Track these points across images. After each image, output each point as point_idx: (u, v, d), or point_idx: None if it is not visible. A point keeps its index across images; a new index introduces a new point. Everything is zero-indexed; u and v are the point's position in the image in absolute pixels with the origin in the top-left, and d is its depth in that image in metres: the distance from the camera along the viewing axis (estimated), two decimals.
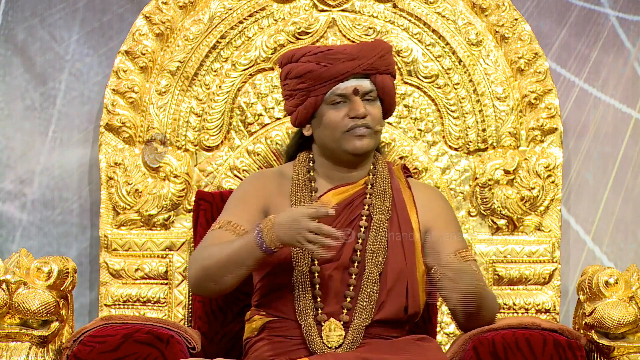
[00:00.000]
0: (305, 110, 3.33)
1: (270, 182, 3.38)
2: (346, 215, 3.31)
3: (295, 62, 3.33)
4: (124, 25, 4.04)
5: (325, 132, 3.32)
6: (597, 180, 4.13)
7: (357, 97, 3.29)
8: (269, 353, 3.24)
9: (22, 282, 3.22)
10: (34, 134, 4.09)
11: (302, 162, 3.40)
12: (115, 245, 3.84)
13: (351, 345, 3.19)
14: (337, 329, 3.21)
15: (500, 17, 3.87)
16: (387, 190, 3.35)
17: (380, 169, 3.39)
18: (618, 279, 3.29)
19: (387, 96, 3.35)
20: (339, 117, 3.29)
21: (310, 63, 3.30)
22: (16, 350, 3.22)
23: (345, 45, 3.72)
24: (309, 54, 3.32)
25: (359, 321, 3.21)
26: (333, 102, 3.30)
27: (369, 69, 3.30)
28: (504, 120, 3.85)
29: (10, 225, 4.09)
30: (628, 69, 4.13)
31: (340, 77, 3.28)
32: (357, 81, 3.30)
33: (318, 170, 3.38)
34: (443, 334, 3.85)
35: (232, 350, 3.56)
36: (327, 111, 3.31)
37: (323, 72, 3.29)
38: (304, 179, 3.36)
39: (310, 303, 3.22)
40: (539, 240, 3.86)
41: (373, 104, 3.32)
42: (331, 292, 3.24)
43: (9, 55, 4.08)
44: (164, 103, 3.86)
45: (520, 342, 3.21)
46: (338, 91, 3.29)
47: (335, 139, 3.30)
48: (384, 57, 3.33)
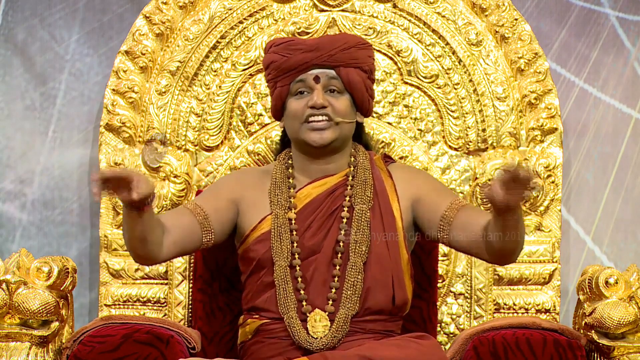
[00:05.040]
0: (274, 102, 3.36)
1: (251, 178, 3.40)
2: (327, 206, 3.31)
3: (266, 54, 3.37)
4: (124, 25, 4.04)
5: (288, 123, 3.34)
6: (597, 180, 4.13)
7: (318, 86, 3.28)
8: (264, 355, 3.24)
9: (22, 282, 3.22)
10: (34, 134, 4.09)
11: (282, 159, 3.41)
12: (115, 245, 3.84)
13: (336, 334, 3.19)
14: (322, 319, 3.21)
15: (500, 17, 3.86)
16: (368, 181, 3.34)
17: (361, 160, 3.38)
18: (618, 279, 3.29)
19: (355, 90, 3.32)
20: (299, 107, 3.29)
21: (274, 54, 3.33)
22: (16, 350, 3.22)
23: (312, 38, 3.72)
24: (274, 44, 3.35)
25: (345, 311, 3.21)
26: (297, 93, 3.31)
27: (329, 60, 3.29)
28: (504, 120, 3.85)
29: (10, 225, 4.09)
30: (628, 69, 4.13)
31: (300, 67, 3.29)
32: (321, 71, 3.30)
33: (296, 165, 3.38)
34: (443, 334, 3.85)
35: (232, 351, 3.56)
36: (291, 102, 3.32)
37: (283, 63, 3.30)
38: (282, 176, 3.37)
39: (292, 296, 3.22)
40: (539, 240, 3.86)
41: (338, 96, 3.31)
42: (315, 284, 3.24)
43: (9, 55, 4.08)
44: (164, 103, 3.86)
45: (520, 341, 3.21)
46: (298, 77, 3.29)
47: (295, 130, 3.31)
48: (348, 50, 3.31)
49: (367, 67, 3.35)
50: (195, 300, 3.73)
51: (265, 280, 3.27)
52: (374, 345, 3.15)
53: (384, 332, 3.28)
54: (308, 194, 3.32)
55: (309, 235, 3.28)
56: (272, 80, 3.34)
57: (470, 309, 3.85)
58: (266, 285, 3.27)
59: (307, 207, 3.31)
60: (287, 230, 3.27)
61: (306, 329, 3.21)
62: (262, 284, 3.28)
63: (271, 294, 3.26)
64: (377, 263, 3.26)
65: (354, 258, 3.25)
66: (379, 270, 3.26)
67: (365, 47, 3.36)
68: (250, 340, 3.30)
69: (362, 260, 3.25)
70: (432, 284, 3.69)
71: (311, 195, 3.32)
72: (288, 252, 3.25)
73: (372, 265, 3.26)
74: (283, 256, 3.25)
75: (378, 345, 3.15)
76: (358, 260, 3.25)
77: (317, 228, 3.29)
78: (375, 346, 3.14)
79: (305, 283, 3.24)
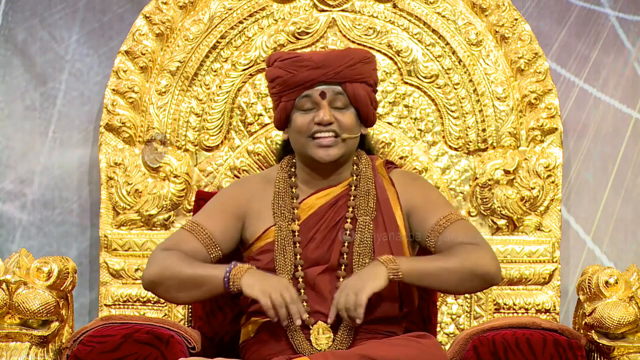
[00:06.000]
0: (278, 115, 3.35)
1: (254, 187, 3.39)
2: (330, 217, 3.31)
3: (269, 67, 3.35)
4: (124, 25, 4.04)
5: (293, 136, 3.33)
6: (597, 180, 4.13)
7: (324, 102, 3.28)
8: (266, 353, 3.24)
9: (22, 282, 3.22)
10: (34, 134, 4.09)
11: (285, 167, 3.41)
12: (115, 245, 3.84)
13: (340, 346, 3.20)
14: (325, 331, 3.21)
15: (500, 17, 3.87)
16: (371, 191, 3.34)
17: (364, 168, 3.38)
18: (618, 279, 3.29)
19: (360, 104, 3.32)
20: (305, 122, 3.29)
21: (279, 69, 3.31)
22: (16, 350, 3.22)
23: (316, 52, 3.72)
24: (279, 59, 3.33)
25: (348, 322, 3.20)
26: (303, 108, 3.30)
27: (335, 77, 3.29)
28: (504, 120, 3.85)
29: (10, 225, 4.09)
30: (628, 69, 4.13)
31: (306, 84, 3.28)
32: (327, 87, 3.29)
33: (299, 174, 3.38)
34: (443, 334, 3.85)
35: (232, 350, 3.56)
36: (296, 117, 3.31)
37: (289, 79, 3.29)
38: (285, 186, 3.36)
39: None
40: (539, 240, 3.86)
41: (343, 112, 3.30)
42: (319, 295, 3.24)
43: (9, 55, 4.08)
44: (164, 103, 3.86)
45: (520, 341, 3.21)
46: (304, 93, 3.29)
47: (302, 144, 3.31)
48: (353, 66, 3.30)
49: (372, 80, 3.35)
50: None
51: None
52: (374, 344, 3.15)
53: (386, 332, 3.28)
54: (312, 204, 3.31)
55: (313, 247, 3.28)
56: (276, 94, 3.33)
57: (470, 309, 3.85)
58: None
59: (310, 218, 3.31)
60: (290, 243, 3.27)
61: (309, 342, 3.21)
62: None
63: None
64: None
65: (358, 270, 3.24)
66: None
67: (370, 62, 3.36)
68: (252, 338, 3.30)
69: None
70: None
71: (315, 207, 3.31)
72: (291, 265, 3.26)
73: None
74: (286, 269, 3.25)
75: (378, 344, 3.15)
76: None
77: (321, 240, 3.28)
78: (376, 345, 3.13)
79: (308, 295, 3.24)
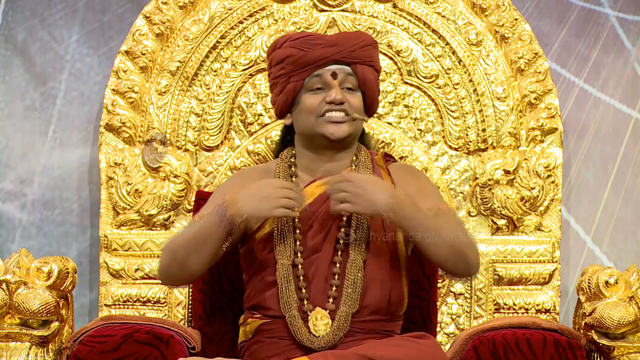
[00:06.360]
0: (284, 97, 3.34)
1: (254, 179, 3.39)
2: (328, 205, 3.31)
3: (278, 49, 3.35)
4: (124, 25, 4.04)
5: (302, 117, 3.33)
6: (597, 180, 4.13)
7: (336, 82, 3.29)
8: (265, 354, 3.25)
9: (22, 282, 3.22)
10: (34, 134, 4.09)
11: (284, 158, 3.42)
12: (115, 245, 3.84)
13: (337, 332, 3.20)
14: (323, 317, 3.22)
15: (500, 17, 3.87)
16: None
17: (363, 159, 3.39)
18: (618, 279, 3.29)
19: (368, 89, 3.34)
20: (316, 102, 3.30)
21: (290, 48, 3.32)
22: (16, 350, 3.22)
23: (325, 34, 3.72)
24: (290, 39, 3.34)
25: (345, 308, 3.21)
26: (312, 89, 3.31)
27: (349, 57, 3.30)
28: (504, 120, 3.85)
29: (10, 225, 4.09)
30: (628, 69, 4.13)
31: (319, 62, 3.29)
32: (338, 67, 3.31)
33: (299, 164, 3.39)
34: (443, 334, 3.85)
35: (232, 350, 3.56)
36: (306, 97, 3.31)
37: (302, 57, 3.29)
38: (285, 175, 3.37)
39: (294, 295, 3.22)
40: (539, 240, 3.86)
41: (353, 93, 3.32)
42: (317, 282, 3.25)
43: (9, 55, 4.08)
44: (164, 103, 3.86)
45: (520, 341, 3.21)
46: (315, 72, 3.30)
47: (311, 124, 3.31)
48: (365, 48, 3.33)
49: (378, 66, 3.39)
50: (195, 300, 3.73)
51: (268, 279, 3.27)
52: (374, 344, 3.15)
53: (383, 332, 3.28)
54: (311, 193, 3.32)
55: (311, 234, 3.29)
56: (285, 75, 3.32)
57: (470, 309, 3.85)
58: (268, 284, 3.27)
59: (309, 206, 3.31)
60: (290, 230, 3.28)
61: (307, 328, 3.21)
62: (265, 283, 3.28)
63: (273, 292, 3.26)
64: (376, 261, 3.27)
65: (354, 255, 3.25)
66: (378, 268, 3.27)
67: (377, 47, 3.40)
68: (251, 339, 3.31)
69: (362, 257, 3.26)
70: (432, 284, 3.69)
71: (314, 195, 3.32)
72: (291, 252, 3.26)
73: (371, 263, 3.26)
74: (286, 255, 3.26)
75: (378, 344, 3.15)
76: (358, 257, 3.25)
77: (319, 227, 3.29)
78: (375, 345, 3.14)
79: (307, 282, 3.25)
